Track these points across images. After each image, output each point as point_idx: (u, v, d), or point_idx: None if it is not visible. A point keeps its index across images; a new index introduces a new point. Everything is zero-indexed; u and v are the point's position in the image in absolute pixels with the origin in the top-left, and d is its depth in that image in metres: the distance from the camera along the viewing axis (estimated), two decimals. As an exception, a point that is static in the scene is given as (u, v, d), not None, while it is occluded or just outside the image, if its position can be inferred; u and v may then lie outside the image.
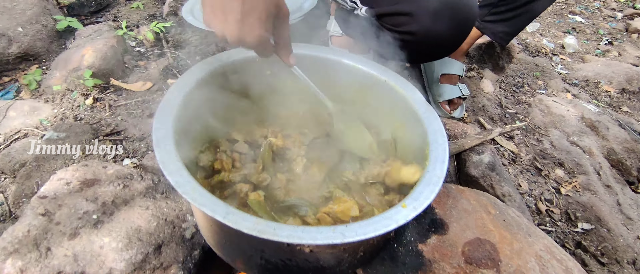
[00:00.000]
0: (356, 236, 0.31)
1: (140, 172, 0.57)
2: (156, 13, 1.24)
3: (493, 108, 1.12)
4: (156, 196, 0.53)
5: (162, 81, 0.91)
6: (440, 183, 0.38)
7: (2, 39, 0.89)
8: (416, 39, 0.57)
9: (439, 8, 0.53)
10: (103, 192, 0.51)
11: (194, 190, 0.32)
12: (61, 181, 0.53)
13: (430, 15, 0.53)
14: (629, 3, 2.73)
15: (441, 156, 0.42)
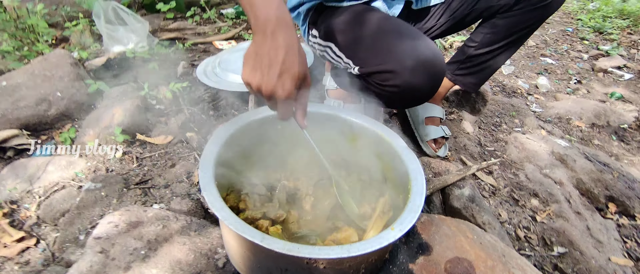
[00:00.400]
0: (358, 252, 0.42)
1: (175, 214, 0.68)
2: (170, 73, 1.40)
3: (473, 147, 1.25)
4: (190, 234, 0.63)
5: (181, 134, 1.04)
6: (420, 210, 0.50)
7: (43, 103, 1.03)
8: (399, 90, 0.71)
9: (415, 65, 0.68)
10: (146, 231, 0.61)
11: (237, 222, 0.44)
12: (110, 223, 0.63)
13: (409, 72, 0.68)
14: (593, 45, 3.01)
15: (420, 189, 0.54)
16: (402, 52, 0.68)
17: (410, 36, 0.71)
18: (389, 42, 0.72)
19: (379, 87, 0.74)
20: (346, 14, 0.85)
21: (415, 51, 0.67)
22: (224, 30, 1.83)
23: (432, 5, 0.98)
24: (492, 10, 0.91)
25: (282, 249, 0.41)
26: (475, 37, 0.99)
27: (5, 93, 1.05)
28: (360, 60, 0.77)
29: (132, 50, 1.49)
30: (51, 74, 1.10)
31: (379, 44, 0.73)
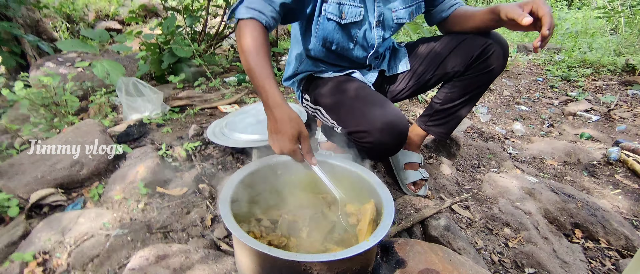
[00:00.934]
0: (343, 256, 0.57)
1: (195, 248, 0.81)
2: (182, 135, 1.60)
3: (451, 186, 1.41)
4: (208, 262, 0.76)
5: (194, 186, 1.20)
6: (389, 227, 0.65)
7: (77, 165, 1.20)
8: (373, 146, 0.90)
9: (383, 127, 0.87)
10: (172, 262, 0.74)
11: (250, 239, 0.58)
12: (142, 257, 0.76)
13: (378, 131, 0.87)
14: (562, 92, 3.31)
15: (390, 211, 0.69)
16: (373, 117, 0.88)
17: (379, 104, 0.91)
18: (363, 109, 0.92)
19: (358, 143, 0.93)
20: (330, 83, 1.07)
21: (383, 116, 0.87)
22: (228, 96, 2.07)
23: (400, 73, 1.21)
24: (449, 75, 1.13)
25: (287, 256, 0.55)
26: (439, 95, 1.20)
27: (43, 158, 1.23)
28: (342, 122, 0.97)
29: (148, 117, 1.71)
30: (83, 140, 1.29)
31: (355, 110, 0.93)
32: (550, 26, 0.82)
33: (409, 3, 1.05)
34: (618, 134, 2.41)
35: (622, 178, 1.84)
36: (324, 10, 0.95)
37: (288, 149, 0.77)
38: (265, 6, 0.85)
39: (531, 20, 0.83)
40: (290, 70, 1.21)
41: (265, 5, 0.86)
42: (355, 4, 0.96)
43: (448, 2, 1.12)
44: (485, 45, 1.03)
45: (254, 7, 0.85)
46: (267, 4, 0.86)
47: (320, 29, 1.01)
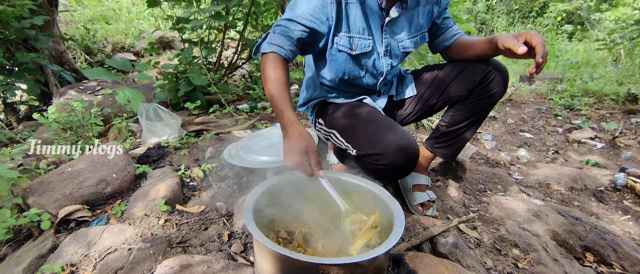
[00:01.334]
0: (359, 260, 0.61)
1: (216, 258, 0.86)
2: (199, 157, 1.67)
3: (459, 208, 1.45)
4: (229, 271, 0.80)
5: (211, 204, 1.26)
6: (399, 236, 0.70)
7: (102, 183, 1.27)
8: (386, 168, 0.96)
9: (396, 150, 0.93)
10: (196, 270, 0.79)
11: (278, 247, 0.64)
12: (167, 266, 0.81)
13: (391, 154, 0.93)
14: (566, 120, 3.36)
15: (400, 222, 0.74)
16: (386, 140, 0.95)
17: (392, 128, 0.98)
18: (376, 132, 0.99)
19: (372, 165, 1.00)
20: (343, 108, 1.15)
21: (396, 140, 0.94)
22: (241, 122, 2.16)
23: (408, 97, 1.29)
24: (453, 100, 1.20)
25: (308, 259, 0.60)
26: (444, 118, 1.28)
27: (71, 177, 1.30)
28: (357, 145, 1.04)
29: (166, 140, 1.80)
30: (108, 160, 1.37)
31: (369, 133, 1.00)
32: (543, 54, 0.90)
33: (413, 34, 1.14)
34: (624, 161, 2.42)
35: (631, 204, 1.85)
36: (336, 43, 1.05)
37: (296, 161, 0.83)
38: (285, 42, 0.98)
39: (526, 49, 0.92)
40: (305, 96, 1.30)
41: (285, 40, 0.98)
42: (364, 37, 1.06)
43: (450, 32, 1.22)
44: (486, 72, 1.11)
45: (275, 43, 0.97)
46: (286, 39, 0.98)
47: (333, 60, 1.10)
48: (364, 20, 1.04)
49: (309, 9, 0.99)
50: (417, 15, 1.12)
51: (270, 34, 1.00)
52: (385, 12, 1.06)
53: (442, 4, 1.16)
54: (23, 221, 1.15)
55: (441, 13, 1.18)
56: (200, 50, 2.88)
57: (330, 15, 1.00)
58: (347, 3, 1.01)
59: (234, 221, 1.18)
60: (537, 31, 0.95)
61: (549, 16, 8.83)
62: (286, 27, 0.98)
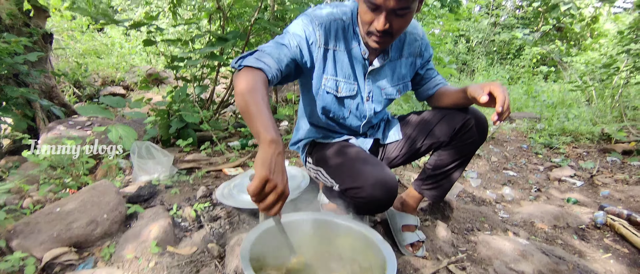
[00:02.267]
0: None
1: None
2: (190, 196, 1.67)
3: (448, 248, 1.47)
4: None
5: (203, 245, 1.25)
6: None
7: (92, 224, 1.26)
8: (365, 200, 1.00)
9: (374, 183, 0.98)
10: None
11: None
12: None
13: (370, 187, 0.98)
14: (546, 158, 3.49)
15: (392, 268, 0.77)
16: (366, 174, 1.00)
17: (373, 164, 1.04)
18: (358, 168, 1.04)
19: (353, 198, 1.04)
20: (331, 148, 1.21)
21: (375, 173, 0.99)
22: (232, 160, 2.19)
23: (393, 141, 1.36)
24: (436, 145, 1.28)
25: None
26: (430, 161, 1.34)
27: (59, 218, 1.29)
28: (339, 180, 1.08)
29: (157, 178, 1.80)
30: (99, 200, 1.36)
31: (351, 169, 1.05)
32: (502, 103, 0.98)
33: (396, 83, 1.23)
34: (602, 199, 2.52)
35: (611, 242, 1.91)
36: (324, 85, 1.13)
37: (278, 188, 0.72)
38: (273, 63, 0.95)
39: (487, 99, 1.01)
40: (297, 136, 1.36)
41: (273, 62, 0.95)
42: (350, 82, 1.14)
43: (433, 82, 1.31)
44: (465, 120, 1.20)
45: (264, 61, 0.93)
46: (275, 61, 0.95)
47: (320, 100, 1.17)
48: (350, 67, 1.13)
49: (299, 42, 1.03)
50: (399, 66, 1.21)
51: (258, 52, 0.96)
52: (368, 61, 1.15)
53: (425, 57, 1.26)
54: (4, 266, 1.12)
55: (424, 65, 1.28)
56: (193, 87, 2.94)
57: (315, 56, 1.07)
58: (335, 51, 1.09)
59: (226, 262, 1.18)
60: (501, 83, 1.04)
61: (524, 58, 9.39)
62: (277, 49, 0.98)
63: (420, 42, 1.23)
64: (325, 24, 1.06)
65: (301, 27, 1.05)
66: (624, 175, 2.89)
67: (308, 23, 1.05)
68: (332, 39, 1.08)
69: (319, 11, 1.08)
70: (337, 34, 1.08)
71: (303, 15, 1.08)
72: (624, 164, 3.17)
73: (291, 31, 1.05)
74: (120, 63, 7.42)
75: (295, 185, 1.50)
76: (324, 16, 1.07)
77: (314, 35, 1.05)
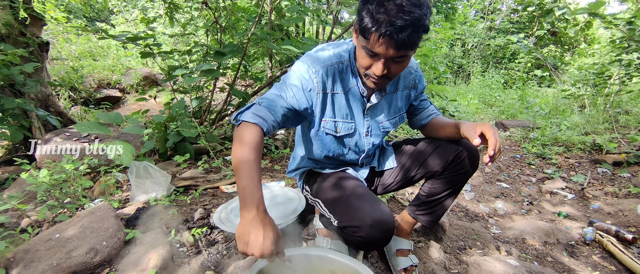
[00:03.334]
0: None
1: None
2: (188, 218, 1.70)
3: (440, 270, 1.51)
4: None
5: (202, 273, 1.28)
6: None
7: (91, 252, 1.28)
8: (363, 240, 1.03)
9: (372, 223, 1.01)
10: None
11: None
12: None
13: (368, 227, 1.01)
14: (539, 169, 3.55)
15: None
16: (364, 214, 1.03)
17: (370, 202, 1.07)
18: (356, 206, 1.07)
19: (350, 236, 1.06)
20: (328, 180, 1.24)
21: (373, 214, 1.02)
22: (229, 177, 2.21)
23: (388, 169, 1.39)
24: (429, 174, 1.31)
25: None
26: (424, 189, 1.37)
27: (58, 245, 1.31)
28: (338, 216, 1.11)
29: (154, 198, 1.82)
30: (98, 226, 1.38)
31: (349, 207, 1.08)
32: (493, 147, 1.02)
33: (392, 116, 1.26)
34: (592, 213, 2.57)
35: (599, 259, 1.96)
36: (323, 127, 1.16)
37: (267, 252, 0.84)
38: (269, 116, 1.01)
39: (479, 142, 1.05)
40: (294, 165, 1.39)
41: (269, 114, 1.02)
42: (347, 121, 1.17)
43: (426, 112, 1.35)
44: (457, 152, 1.23)
45: (260, 115, 1.00)
46: (270, 113, 1.02)
47: (319, 140, 1.21)
48: (348, 107, 1.16)
49: (296, 93, 1.07)
50: (395, 99, 1.25)
51: (256, 105, 1.03)
52: (366, 98, 1.18)
53: (419, 88, 1.29)
54: (7, 296, 1.14)
55: (418, 96, 1.31)
56: (191, 100, 2.96)
57: (314, 103, 1.11)
58: (333, 94, 1.12)
59: (224, 291, 1.21)
60: (492, 125, 1.08)
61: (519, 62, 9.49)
62: (272, 102, 1.04)
63: (414, 75, 1.26)
64: (322, 70, 1.08)
65: (298, 77, 1.08)
66: (614, 188, 2.94)
67: (305, 71, 1.08)
68: (330, 83, 1.10)
69: (316, 56, 1.11)
70: (335, 77, 1.11)
71: (301, 61, 1.10)
72: (614, 176, 3.23)
73: (288, 81, 1.08)
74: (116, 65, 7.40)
75: (291, 209, 1.52)
76: (321, 62, 1.09)
77: (311, 82, 1.08)
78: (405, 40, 0.88)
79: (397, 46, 0.89)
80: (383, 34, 0.87)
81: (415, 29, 0.87)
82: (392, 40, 0.88)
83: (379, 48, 0.91)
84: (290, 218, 1.47)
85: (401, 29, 0.86)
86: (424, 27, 0.89)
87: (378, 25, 0.87)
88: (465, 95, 7.05)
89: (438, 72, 4.13)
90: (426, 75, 4.28)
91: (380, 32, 0.87)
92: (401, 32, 0.86)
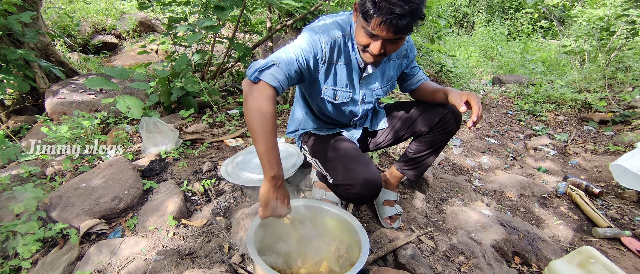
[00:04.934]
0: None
1: (220, 271, 1.09)
2: (197, 170, 1.87)
3: (421, 219, 1.73)
4: (234, 284, 1.04)
5: (212, 218, 1.48)
6: (365, 261, 0.95)
7: (116, 199, 1.47)
8: (355, 195, 1.20)
9: (363, 182, 1.17)
10: (208, 283, 1.02)
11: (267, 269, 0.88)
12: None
13: (359, 186, 1.17)
14: (528, 125, 3.69)
15: (365, 249, 0.99)
16: (356, 175, 1.18)
17: (362, 163, 1.21)
18: (349, 167, 1.22)
19: (344, 192, 1.23)
20: (325, 141, 1.38)
21: (364, 174, 1.17)
22: (232, 131, 2.36)
23: (380, 129, 1.53)
24: (417, 133, 1.45)
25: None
26: (411, 147, 1.52)
27: (86, 193, 1.49)
28: (333, 175, 1.27)
29: (165, 151, 1.98)
30: (119, 177, 1.56)
31: (344, 167, 1.23)
32: (477, 115, 1.15)
33: (385, 84, 1.37)
34: (570, 169, 2.78)
35: (566, 210, 2.18)
36: (323, 94, 1.27)
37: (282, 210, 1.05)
38: (284, 78, 1.07)
39: (465, 109, 1.17)
40: (293, 126, 1.53)
41: (285, 78, 1.07)
42: (346, 90, 1.28)
43: (416, 78, 1.45)
44: (443, 114, 1.37)
45: (278, 78, 1.04)
46: (285, 77, 1.07)
47: (318, 105, 1.33)
48: (348, 77, 1.26)
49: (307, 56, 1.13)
50: (388, 68, 1.34)
51: (275, 67, 1.04)
52: (362, 69, 1.28)
53: (410, 57, 1.38)
54: (50, 234, 1.34)
55: (409, 64, 1.40)
56: (192, 54, 3.00)
57: (320, 70, 1.21)
58: (337, 65, 1.22)
59: (232, 233, 1.41)
60: (476, 94, 1.20)
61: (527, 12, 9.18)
62: (287, 66, 1.08)
63: (406, 45, 1.35)
64: (330, 41, 1.16)
65: (309, 43, 1.14)
66: (595, 145, 3.12)
67: (317, 39, 1.14)
68: (335, 54, 1.19)
69: (324, 27, 1.17)
70: (340, 49, 1.19)
71: (310, 30, 1.17)
72: (598, 134, 3.39)
73: (301, 45, 1.13)
74: (110, 9, 7.17)
75: (291, 164, 1.69)
76: (329, 34, 1.16)
77: (321, 52, 1.16)
78: (403, 27, 0.96)
79: (395, 31, 0.98)
80: (384, 21, 0.96)
81: (413, 17, 0.96)
82: (391, 26, 0.97)
83: (379, 31, 1.00)
84: (289, 171, 1.64)
85: (400, 16, 0.94)
86: (421, 15, 0.98)
87: (379, 11, 0.95)
88: (467, 47, 6.97)
89: (438, 26, 4.08)
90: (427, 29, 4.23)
91: (381, 18, 0.96)
92: (400, 19, 0.95)
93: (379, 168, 2.18)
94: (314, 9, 2.80)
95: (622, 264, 1.65)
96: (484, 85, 5.00)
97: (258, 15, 5.55)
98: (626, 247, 1.77)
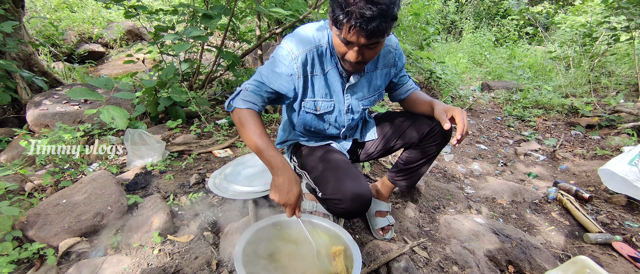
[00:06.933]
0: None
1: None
2: (184, 182, 1.82)
3: (414, 229, 1.70)
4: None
5: (200, 233, 1.43)
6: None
7: (98, 216, 1.41)
8: (344, 211, 1.17)
9: (353, 197, 1.14)
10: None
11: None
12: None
13: (349, 201, 1.14)
14: (517, 131, 3.73)
15: (358, 263, 0.96)
16: (345, 189, 1.15)
17: (352, 177, 1.18)
18: (338, 180, 1.19)
19: (333, 206, 1.20)
20: (314, 153, 1.35)
21: (353, 188, 1.14)
22: (221, 142, 2.31)
23: (370, 140, 1.51)
24: (408, 144, 1.43)
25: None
26: (402, 157, 1.50)
27: (67, 209, 1.42)
28: (322, 189, 1.23)
29: (151, 163, 1.93)
30: (101, 192, 1.50)
31: (333, 181, 1.20)
32: (461, 132, 1.15)
33: (371, 93, 1.35)
34: (559, 174, 2.80)
35: (557, 215, 2.19)
36: (304, 107, 1.25)
37: (291, 203, 1.07)
38: (257, 99, 1.15)
39: (449, 126, 1.17)
40: (281, 137, 1.49)
41: (257, 98, 1.15)
42: (326, 100, 1.26)
43: (405, 87, 1.44)
44: (431, 126, 1.35)
45: (249, 100, 1.13)
46: (258, 97, 1.15)
47: (301, 118, 1.31)
48: (326, 87, 1.24)
49: (279, 78, 1.16)
50: (375, 77, 1.33)
51: (244, 92, 1.14)
52: (346, 78, 1.25)
53: (398, 66, 1.37)
54: (26, 255, 1.27)
55: (397, 73, 1.39)
56: (180, 63, 2.96)
57: (296, 86, 1.19)
58: (313, 76, 1.20)
59: (220, 249, 1.36)
60: (461, 110, 1.19)
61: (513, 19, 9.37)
62: (258, 87, 1.15)
63: (394, 54, 1.33)
64: (302, 55, 1.15)
65: (280, 62, 1.16)
66: (583, 150, 3.16)
67: (287, 55, 1.15)
68: (309, 66, 1.18)
69: (299, 38, 1.17)
70: (314, 61, 1.18)
71: (284, 45, 1.16)
72: (585, 138, 3.44)
73: (272, 68, 1.17)
74: (96, 18, 7.07)
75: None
76: (302, 45, 1.15)
77: (292, 68, 1.15)
78: (375, 29, 0.94)
79: (367, 36, 0.96)
80: (353, 26, 0.94)
81: (383, 19, 0.94)
82: (362, 31, 0.95)
83: (351, 37, 0.98)
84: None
85: (370, 19, 0.92)
86: (392, 15, 0.95)
87: (348, 17, 0.93)
88: (455, 54, 7.06)
89: (427, 33, 4.12)
90: (415, 36, 4.27)
91: (351, 23, 0.94)
92: (370, 22, 0.93)
93: (370, 178, 2.16)
94: (303, 17, 2.79)
95: (615, 270, 1.64)
96: (473, 91, 5.05)
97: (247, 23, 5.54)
98: (618, 252, 1.77)
